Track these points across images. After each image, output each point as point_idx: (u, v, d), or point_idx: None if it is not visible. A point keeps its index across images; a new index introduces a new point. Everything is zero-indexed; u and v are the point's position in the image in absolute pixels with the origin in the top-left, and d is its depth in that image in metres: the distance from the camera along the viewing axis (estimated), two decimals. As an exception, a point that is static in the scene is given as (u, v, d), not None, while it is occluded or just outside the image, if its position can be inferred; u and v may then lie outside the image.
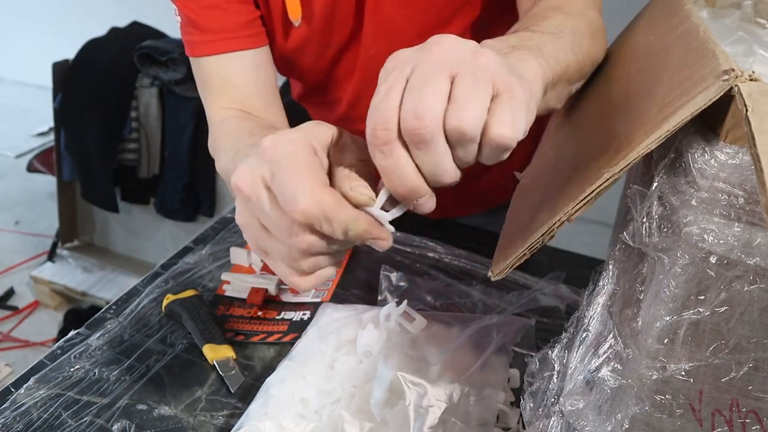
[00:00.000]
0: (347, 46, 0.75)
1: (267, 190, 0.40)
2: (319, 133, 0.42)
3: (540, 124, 0.53)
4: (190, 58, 0.71)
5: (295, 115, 1.02)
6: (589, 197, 0.39)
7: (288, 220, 0.40)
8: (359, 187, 0.40)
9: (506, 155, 0.38)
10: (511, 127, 0.36)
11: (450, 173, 0.37)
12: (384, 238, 0.41)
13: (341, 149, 0.43)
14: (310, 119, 0.44)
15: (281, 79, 1.91)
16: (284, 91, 1.85)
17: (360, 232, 0.40)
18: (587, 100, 0.55)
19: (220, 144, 0.66)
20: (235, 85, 0.69)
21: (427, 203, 0.39)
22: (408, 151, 0.37)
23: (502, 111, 0.36)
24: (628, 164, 0.37)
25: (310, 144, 0.41)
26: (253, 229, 0.43)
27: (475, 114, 0.35)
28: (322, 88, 0.83)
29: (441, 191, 0.39)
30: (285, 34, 0.72)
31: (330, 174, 0.42)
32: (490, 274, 0.45)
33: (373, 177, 0.42)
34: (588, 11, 0.59)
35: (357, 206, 0.40)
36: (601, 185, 0.38)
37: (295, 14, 0.69)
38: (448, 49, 0.38)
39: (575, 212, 0.40)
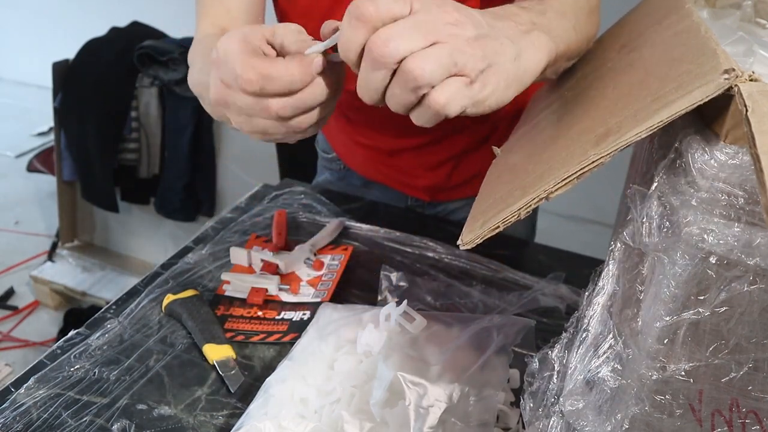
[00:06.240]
0: None
1: (228, 87, 0.46)
2: (251, 31, 0.47)
3: (517, 102, 0.56)
4: None
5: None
6: (571, 178, 0.38)
7: (252, 99, 0.45)
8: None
9: (425, 109, 0.41)
10: (424, 61, 0.38)
11: (366, 93, 0.42)
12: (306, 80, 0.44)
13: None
14: None
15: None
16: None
17: (294, 77, 0.44)
18: (577, 81, 0.56)
19: (195, 59, 0.71)
20: (227, 8, 0.73)
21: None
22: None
23: (429, 52, 0.38)
24: (617, 149, 0.36)
25: (243, 38, 0.46)
26: (252, 125, 0.48)
27: (386, 34, 0.38)
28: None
29: (431, 176, 0.41)
30: None
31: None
32: (459, 242, 0.45)
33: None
34: None
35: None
36: (585, 167, 0.38)
37: None
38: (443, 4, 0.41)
39: (555, 191, 0.39)
